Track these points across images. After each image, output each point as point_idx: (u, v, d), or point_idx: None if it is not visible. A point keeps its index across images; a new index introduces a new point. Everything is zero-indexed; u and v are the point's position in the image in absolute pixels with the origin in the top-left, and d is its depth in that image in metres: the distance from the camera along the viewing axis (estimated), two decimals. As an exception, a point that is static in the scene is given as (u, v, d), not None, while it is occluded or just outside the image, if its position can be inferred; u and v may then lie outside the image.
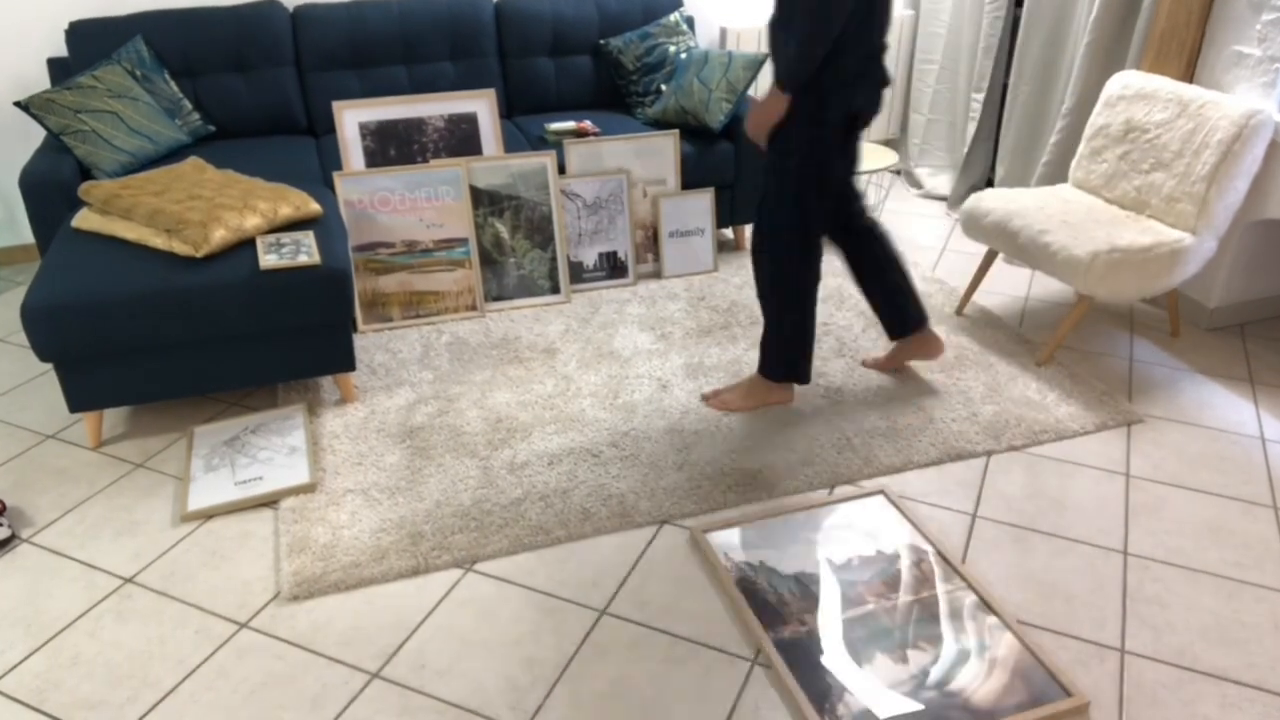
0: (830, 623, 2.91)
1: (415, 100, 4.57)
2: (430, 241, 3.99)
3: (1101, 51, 4.89)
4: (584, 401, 4.02)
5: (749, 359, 4.31)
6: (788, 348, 3.85)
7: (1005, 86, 5.70)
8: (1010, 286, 5.08)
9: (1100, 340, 4.53)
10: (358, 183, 4.03)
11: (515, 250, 4.28)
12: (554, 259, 4.45)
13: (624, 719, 2.64)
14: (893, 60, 6.47)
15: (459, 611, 2.99)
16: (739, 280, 5.06)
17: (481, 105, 4.61)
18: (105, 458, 3.72)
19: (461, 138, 4.59)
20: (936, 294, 4.93)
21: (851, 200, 3.89)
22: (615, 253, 4.98)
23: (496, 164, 4.45)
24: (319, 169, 4.67)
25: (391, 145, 4.48)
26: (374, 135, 4.46)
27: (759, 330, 4.55)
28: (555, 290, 4.40)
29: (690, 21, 5.59)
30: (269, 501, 3.47)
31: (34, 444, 3.81)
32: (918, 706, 2.63)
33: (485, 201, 4.39)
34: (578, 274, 4.93)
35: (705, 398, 4.02)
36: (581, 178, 4.84)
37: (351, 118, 4.45)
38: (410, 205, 3.96)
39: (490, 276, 4.44)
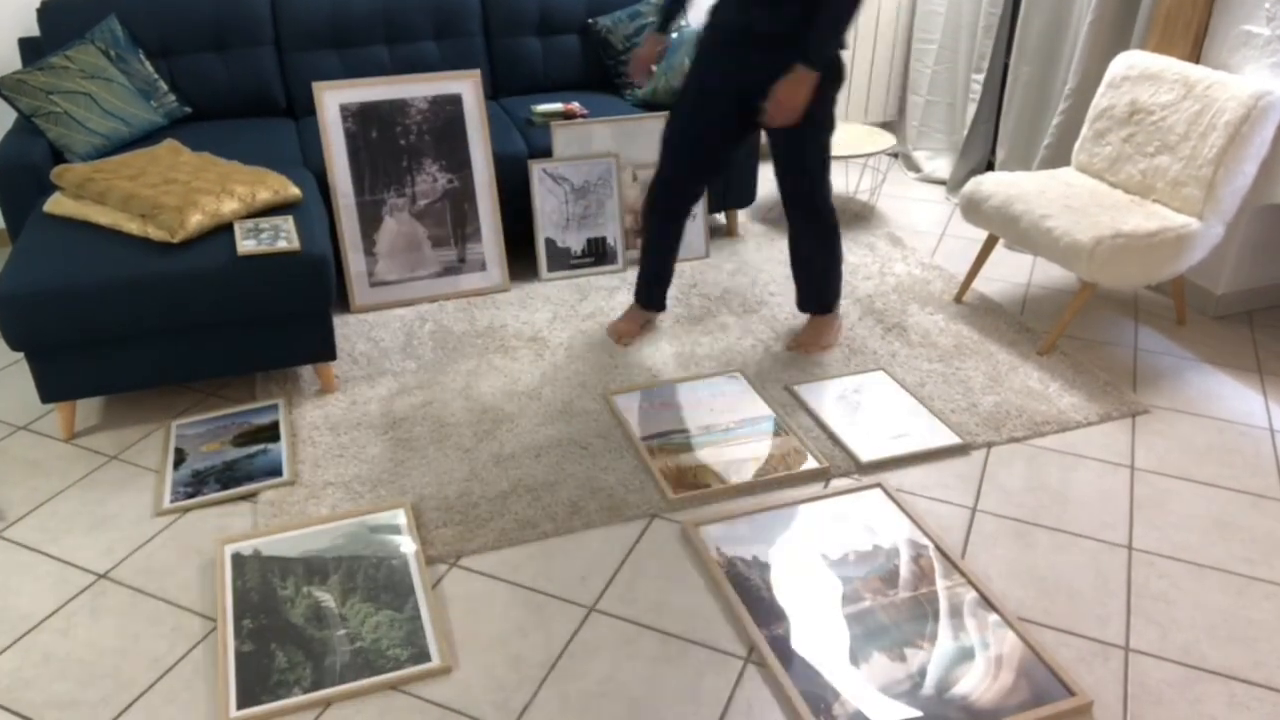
0: (826, 620, 2.90)
1: (398, 81, 4.53)
2: (729, 422, 3.85)
3: (1105, 30, 4.87)
4: (572, 391, 4.00)
5: (741, 347, 4.30)
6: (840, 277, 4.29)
7: (1006, 67, 5.68)
8: (1011, 273, 5.07)
9: (1104, 329, 4.52)
10: (633, 397, 3.94)
11: (346, 619, 2.91)
12: (417, 617, 2.93)
13: (613, 719, 2.63)
14: (890, 40, 6.46)
15: (443, 608, 2.98)
16: (731, 266, 5.04)
17: (466, 86, 4.57)
18: (79, 450, 3.70)
19: (446, 120, 4.55)
20: (935, 280, 4.92)
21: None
22: (604, 239, 4.96)
23: (321, 528, 3.28)
24: (298, 151, 4.65)
25: (374, 127, 4.44)
26: (355, 117, 4.42)
27: (752, 317, 4.54)
28: (421, 658, 2.80)
29: (682, 0, 5.57)
30: (247, 495, 3.45)
31: (4, 435, 3.78)
32: (916, 713, 2.62)
33: (299, 571, 3.09)
34: (564, 261, 4.91)
35: (791, 348, 4.33)
36: (568, 161, 4.82)
37: (332, 99, 4.40)
38: (695, 402, 3.90)
39: (293, 663, 2.79)
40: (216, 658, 2.80)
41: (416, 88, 4.54)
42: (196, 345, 3.71)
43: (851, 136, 5.70)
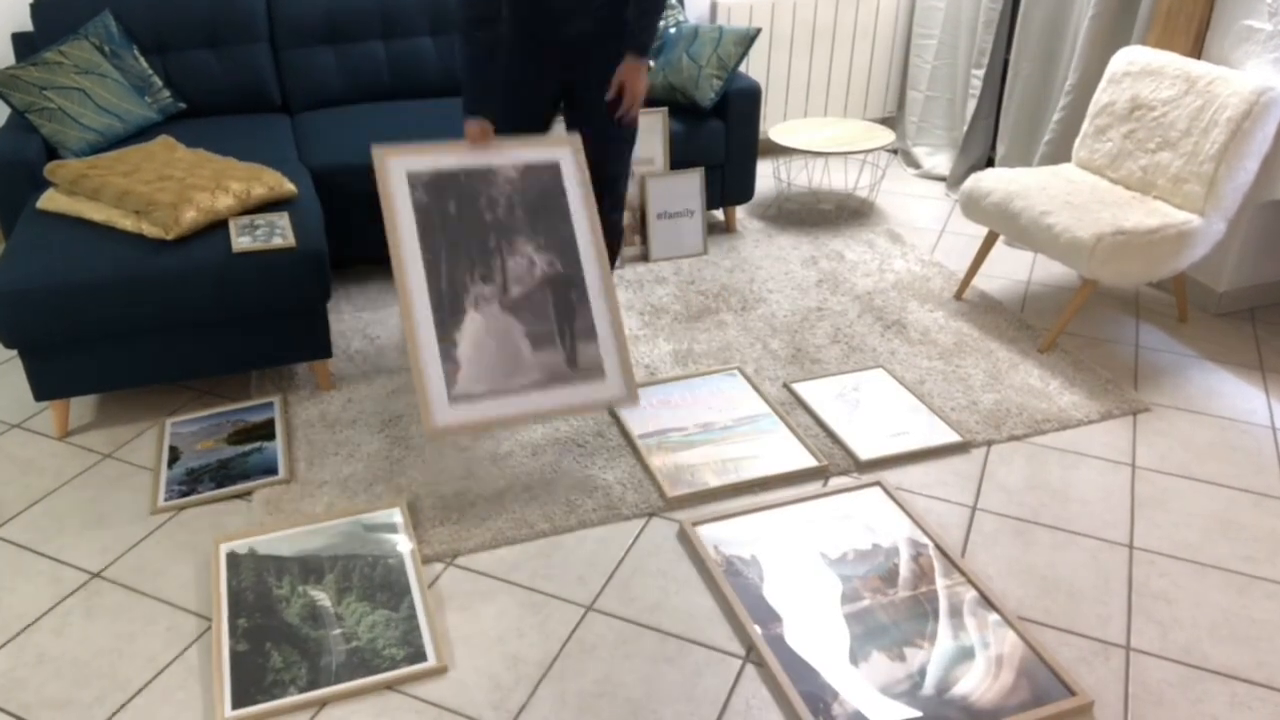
0: (825, 619, 2.90)
1: (478, 150, 3.61)
2: (727, 420, 3.82)
3: (1106, 26, 4.87)
4: (570, 389, 4.00)
5: (740, 345, 4.29)
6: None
7: (1006, 62, 5.67)
8: (1011, 270, 5.07)
9: (1105, 326, 4.52)
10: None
11: (342, 618, 2.91)
12: (413, 616, 2.92)
13: (612, 718, 2.63)
14: (889, 35, 6.46)
15: (440, 607, 2.98)
16: (729, 263, 5.04)
17: (565, 154, 3.67)
18: (72, 448, 3.69)
19: (540, 190, 3.61)
20: (935, 277, 4.91)
21: None
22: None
23: (316, 526, 3.27)
24: (293, 147, 4.64)
25: (450, 199, 3.48)
26: (426, 187, 3.47)
27: (750, 314, 4.54)
28: (417, 658, 2.79)
29: (680, -5, 5.57)
30: (242, 494, 3.44)
31: (-2, 434, 3.79)
32: (916, 713, 2.62)
33: (294, 570, 3.09)
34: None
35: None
36: None
37: (397, 166, 3.46)
38: (693, 400, 3.89)
39: (288, 662, 2.79)
40: (211, 657, 2.79)
41: (500, 155, 3.63)
42: (191, 343, 3.70)
43: (850, 132, 5.70)
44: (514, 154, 3.59)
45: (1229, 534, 3.27)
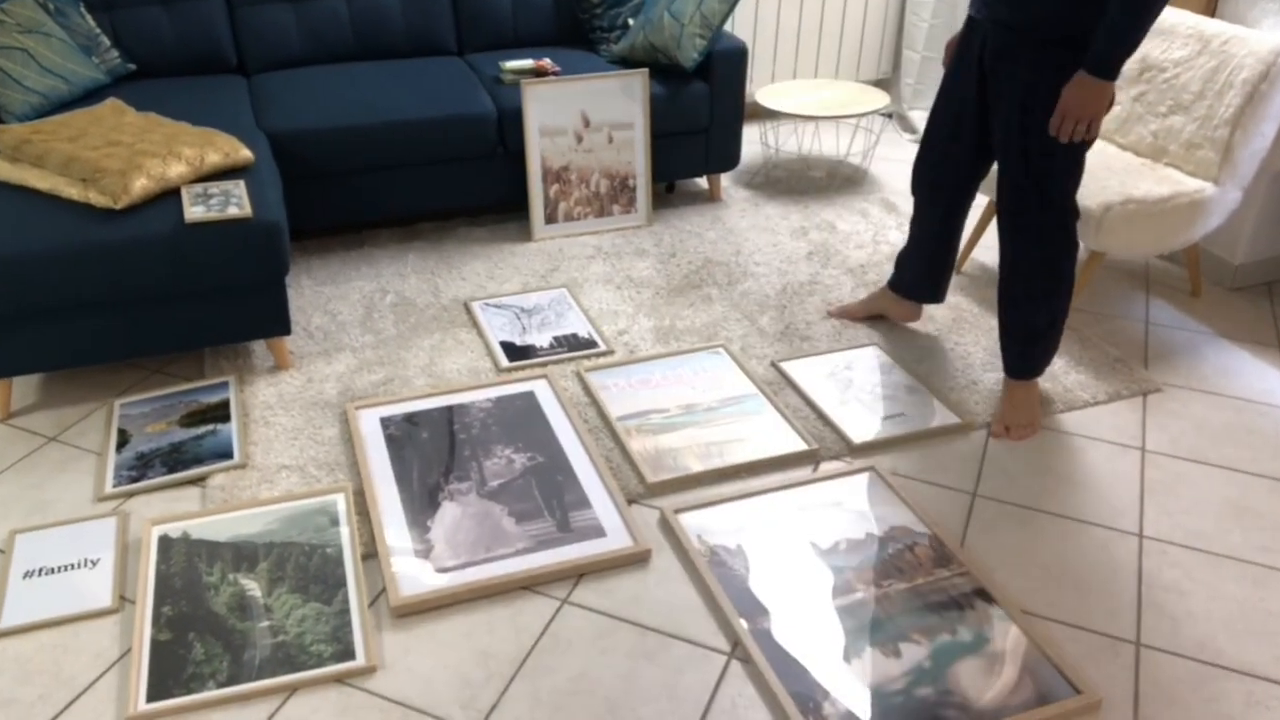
0: (816, 613, 2.88)
1: (447, 389, 3.90)
2: (712, 401, 3.77)
3: (1115, -17, 4.85)
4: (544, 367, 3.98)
5: (725, 321, 4.27)
6: (1058, 339, 3.67)
7: (1009, 22, 5.65)
8: (1014, 242, 5.05)
9: (1113, 301, 4.51)
10: (608, 374, 3.87)
11: (271, 610, 2.88)
12: (346, 611, 2.90)
13: (588, 718, 2.61)
14: (886, -7, 6.44)
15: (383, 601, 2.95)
16: (714, 235, 5.01)
17: (539, 386, 3.91)
18: (15, 430, 3.66)
19: (516, 410, 3.81)
20: (933, 250, 4.89)
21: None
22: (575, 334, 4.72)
23: (255, 511, 3.26)
24: (250, 111, 4.60)
25: (424, 430, 3.69)
26: (399, 425, 3.73)
27: (736, 289, 4.51)
28: (345, 655, 2.77)
29: (663, -51, 5.54)
30: (195, 479, 3.41)
31: (-66, 416, 3.75)
32: (912, 713, 2.60)
33: (227, 557, 3.07)
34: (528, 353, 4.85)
35: (995, 435, 3.67)
36: (517, 296, 4.63)
37: (369, 416, 3.76)
38: (675, 380, 3.84)
39: (210, 655, 2.76)
40: (132, 645, 2.78)
41: (472, 393, 3.90)
42: (141, 319, 3.66)
43: (842, 95, 5.67)
44: (485, 390, 3.85)
45: (1245, 522, 3.26)
